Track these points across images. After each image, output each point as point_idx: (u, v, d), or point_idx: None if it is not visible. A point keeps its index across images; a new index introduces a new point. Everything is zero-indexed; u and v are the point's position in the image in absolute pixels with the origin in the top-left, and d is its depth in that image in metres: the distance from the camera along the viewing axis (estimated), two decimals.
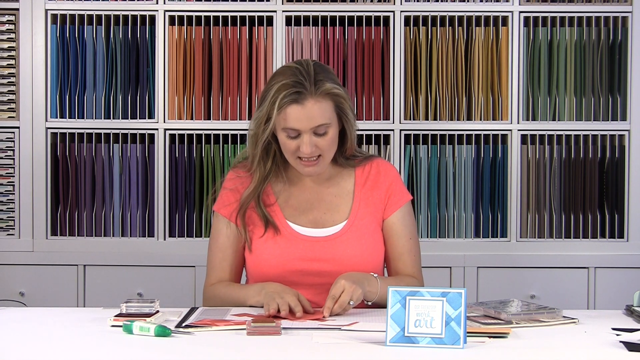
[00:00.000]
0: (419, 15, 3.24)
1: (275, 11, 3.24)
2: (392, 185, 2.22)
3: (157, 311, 1.92)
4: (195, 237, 3.24)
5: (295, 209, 2.20)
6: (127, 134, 3.27)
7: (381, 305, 2.06)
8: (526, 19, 3.26)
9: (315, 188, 2.22)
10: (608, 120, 3.26)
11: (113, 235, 3.26)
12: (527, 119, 3.26)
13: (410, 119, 3.25)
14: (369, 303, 2.07)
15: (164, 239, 3.25)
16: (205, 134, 3.26)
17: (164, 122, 3.25)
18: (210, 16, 3.26)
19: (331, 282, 2.01)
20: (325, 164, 2.15)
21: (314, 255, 2.14)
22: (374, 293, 2.05)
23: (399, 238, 2.21)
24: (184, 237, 3.25)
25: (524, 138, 3.26)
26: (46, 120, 3.24)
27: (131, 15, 3.25)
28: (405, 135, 3.25)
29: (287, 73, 2.07)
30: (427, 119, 3.25)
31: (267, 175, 2.18)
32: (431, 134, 3.26)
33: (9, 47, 3.26)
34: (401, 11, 3.24)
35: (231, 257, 2.21)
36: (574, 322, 1.91)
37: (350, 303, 1.95)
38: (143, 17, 3.27)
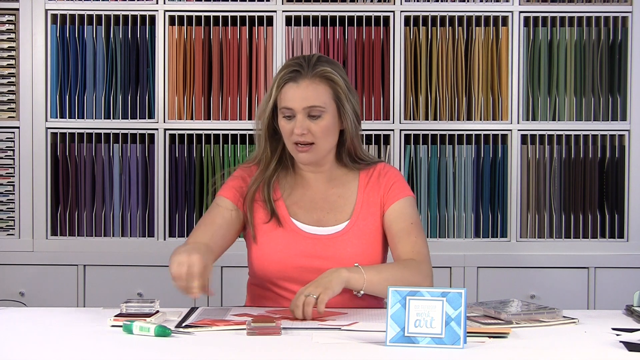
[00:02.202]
0: (419, 15, 3.24)
1: (275, 11, 3.24)
2: (392, 183, 2.23)
3: (157, 311, 1.92)
4: None
5: (299, 206, 2.22)
6: (127, 134, 3.27)
7: (375, 295, 2.08)
8: (526, 19, 3.26)
9: (320, 187, 2.24)
10: (608, 120, 3.26)
11: (113, 235, 3.26)
12: (527, 119, 3.26)
13: (410, 119, 3.25)
14: (360, 294, 2.03)
15: (164, 239, 3.25)
16: (205, 134, 3.26)
17: (164, 122, 3.25)
18: (210, 16, 3.26)
19: None
20: (319, 152, 2.17)
21: (315, 253, 2.15)
22: (357, 279, 2.00)
23: (398, 223, 2.19)
24: (184, 237, 3.25)
25: (524, 138, 3.26)
26: (46, 120, 3.24)
27: (131, 15, 3.25)
28: (405, 135, 3.24)
29: (292, 60, 2.19)
30: (427, 119, 3.25)
31: (273, 164, 2.21)
32: (431, 134, 3.26)
33: (9, 47, 3.26)
34: (401, 11, 3.24)
35: (215, 228, 2.18)
36: (574, 322, 1.91)
37: (313, 296, 1.91)
38: (143, 17, 3.26)
